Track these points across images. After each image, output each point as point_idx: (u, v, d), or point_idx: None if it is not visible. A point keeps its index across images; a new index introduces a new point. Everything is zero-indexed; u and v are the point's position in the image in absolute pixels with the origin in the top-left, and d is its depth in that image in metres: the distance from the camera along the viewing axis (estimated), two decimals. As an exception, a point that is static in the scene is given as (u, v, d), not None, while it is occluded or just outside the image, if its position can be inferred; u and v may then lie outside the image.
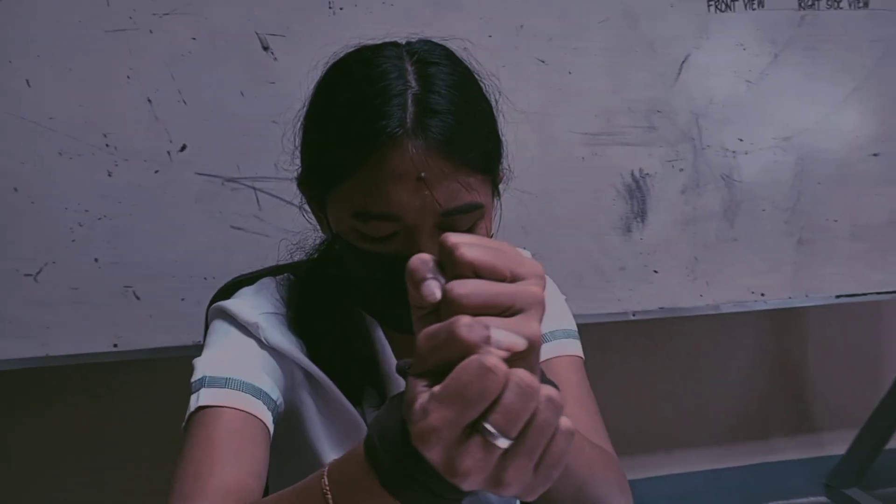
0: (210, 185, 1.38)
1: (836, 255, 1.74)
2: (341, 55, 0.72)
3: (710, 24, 1.60)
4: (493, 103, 0.69)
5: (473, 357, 0.38)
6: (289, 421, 0.75)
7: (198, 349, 1.39)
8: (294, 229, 1.43)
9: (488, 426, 0.38)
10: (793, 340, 2.21)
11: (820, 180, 1.71)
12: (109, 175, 1.34)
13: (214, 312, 0.78)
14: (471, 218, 0.67)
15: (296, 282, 0.79)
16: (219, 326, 0.76)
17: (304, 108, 0.73)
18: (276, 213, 1.42)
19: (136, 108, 1.33)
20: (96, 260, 1.35)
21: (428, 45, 0.69)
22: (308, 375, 0.75)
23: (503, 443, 0.39)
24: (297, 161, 0.77)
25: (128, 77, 1.32)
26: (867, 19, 1.69)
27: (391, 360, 0.76)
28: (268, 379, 0.71)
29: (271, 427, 0.69)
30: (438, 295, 0.42)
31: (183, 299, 1.40)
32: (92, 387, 1.70)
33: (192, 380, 0.71)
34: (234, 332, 0.74)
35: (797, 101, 1.67)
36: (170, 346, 1.40)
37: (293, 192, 1.44)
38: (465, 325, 0.39)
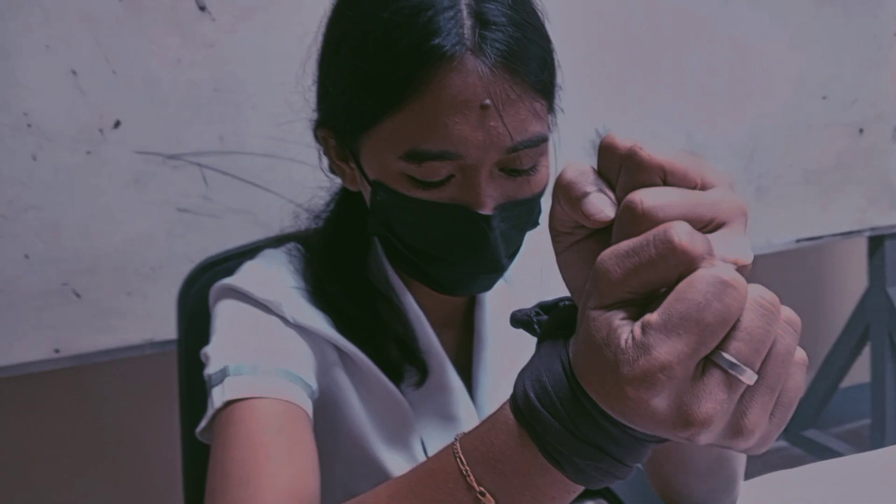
0: (149, 165, 1.25)
1: (792, 200, 1.74)
2: None
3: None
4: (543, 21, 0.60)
5: (704, 271, 0.30)
6: (324, 407, 0.65)
7: (153, 347, 1.28)
8: (247, 209, 1.33)
9: (729, 357, 0.30)
10: (746, 290, 2.22)
11: (773, 127, 1.70)
12: (34, 159, 1.18)
13: (220, 293, 0.66)
14: (536, 153, 0.58)
15: (311, 250, 0.69)
16: (230, 307, 0.65)
17: (324, 33, 0.62)
18: (225, 192, 1.30)
19: (60, 82, 1.18)
20: (27, 256, 1.19)
21: None
22: (342, 354, 0.65)
23: (749, 377, 0.30)
24: (313, 102, 0.66)
25: (47, 46, 1.16)
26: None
27: (429, 334, 0.66)
28: (300, 362, 0.61)
29: (311, 416, 0.59)
30: (610, 212, 0.33)
31: (129, 293, 1.26)
32: (32, 399, 1.53)
33: (209, 372, 0.60)
34: (251, 311, 0.63)
35: (748, 46, 1.65)
36: (118, 346, 1.26)
37: (243, 167, 1.34)
38: (687, 234, 0.30)
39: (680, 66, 1.58)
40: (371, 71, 0.56)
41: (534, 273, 0.73)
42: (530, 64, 0.56)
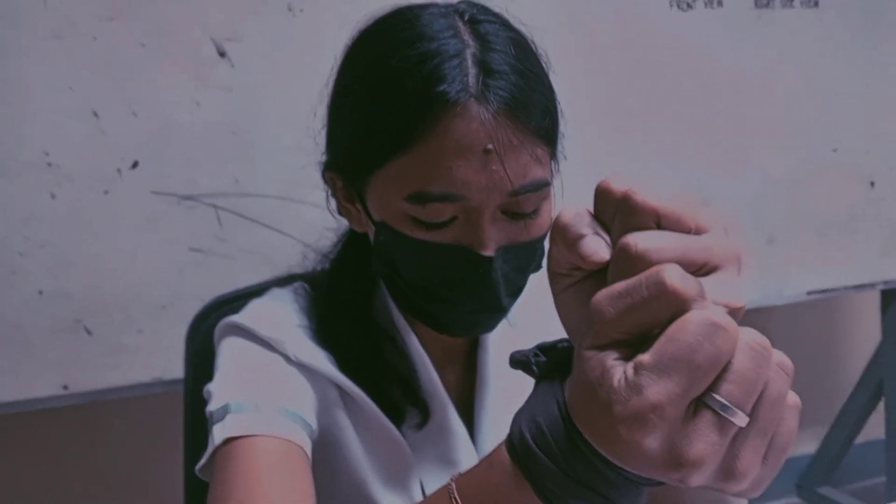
0: (164, 205, 1.27)
1: (803, 251, 1.74)
2: (376, 17, 0.63)
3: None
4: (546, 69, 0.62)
5: (696, 312, 0.30)
6: (323, 447, 0.65)
7: (162, 386, 1.29)
8: (259, 249, 1.34)
9: (720, 398, 0.30)
10: (757, 341, 2.20)
11: (784, 177, 1.71)
12: (53, 197, 1.20)
13: (225, 330, 0.67)
14: (538, 198, 0.59)
15: (317, 289, 0.70)
16: (234, 345, 0.65)
17: (335, 80, 0.64)
18: (238, 232, 1.31)
19: (81, 123, 1.21)
20: (40, 292, 1.20)
21: (473, 4, 0.62)
22: (343, 394, 0.66)
23: (741, 419, 0.31)
24: (323, 145, 0.68)
25: (70, 88, 1.20)
26: (816, 17, 1.71)
27: (432, 375, 0.67)
28: (302, 401, 0.62)
29: (310, 455, 0.59)
30: (605, 254, 0.34)
31: (139, 331, 1.27)
32: (38, 437, 1.53)
33: (211, 409, 0.61)
34: (254, 349, 0.64)
35: (759, 96, 1.67)
36: (128, 384, 1.26)
37: (256, 208, 1.35)
38: (679, 276, 0.30)
39: (690, 114, 1.60)
40: (378, 115, 0.58)
41: (538, 315, 0.74)
42: (532, 111, 0.57)
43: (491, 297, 0.60)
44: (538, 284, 0.65)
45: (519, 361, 0.40)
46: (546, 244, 0.61)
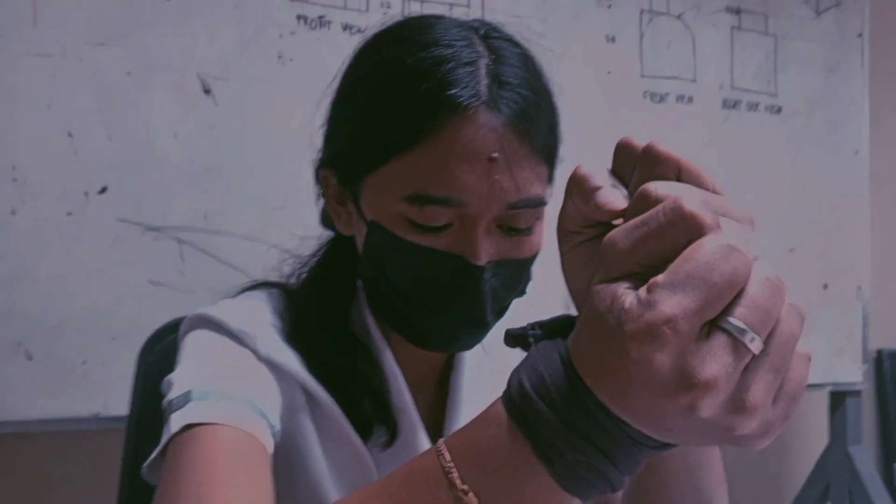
0: (128, 233, 1.24)
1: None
2: (392, 22, 0.64)
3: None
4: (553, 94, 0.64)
5: (712, 235, 0.30)
6: (285, 453, 0.62)
7: (99, 423, 1.22)
8: (221, 288, 1.31)
9: (735, 321, 0.29)
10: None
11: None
12: (13, 213, 1.17)
13: (192, 323, 0.65)
14: (533, 215, 0.60)
15: (294, 292, 0.68)
16: (201, 336, 0.63)
17: (343, 75, 0.65)
18: (201, 269, 1.28)
19: (54, 141, 1.19)
20: (-17, 309, 1.15)
21: (486, 22, 0.64)
22: (311, 401, 0.63)
23: (756, 344, 0.30)
24: (319, 145, 0.68)
25: (48, 106, 1.18)
26: (779, 123, 1.80)
27: (404, 392, 0.65)
28: (268, 399, 0.59)
29: (271, 456, 0.56)
30: (622, 203, 0.34)
31: (84, 361, 1.21)
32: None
33: (170, 397, 0.57)
34: (223, 341, 0.62)
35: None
36: (63, 417, 1.20)
37: (222, 246, 1.33)
38: (698, 203, 0.30)
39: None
40: (386, 111, 0.59)
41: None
42: (539, 127, 0.59)
43: (476, 310, 0.59)
44: (518, 312, 0.65)
45: (514, 336, 0.39)
46: (533, 268, 0.61)
